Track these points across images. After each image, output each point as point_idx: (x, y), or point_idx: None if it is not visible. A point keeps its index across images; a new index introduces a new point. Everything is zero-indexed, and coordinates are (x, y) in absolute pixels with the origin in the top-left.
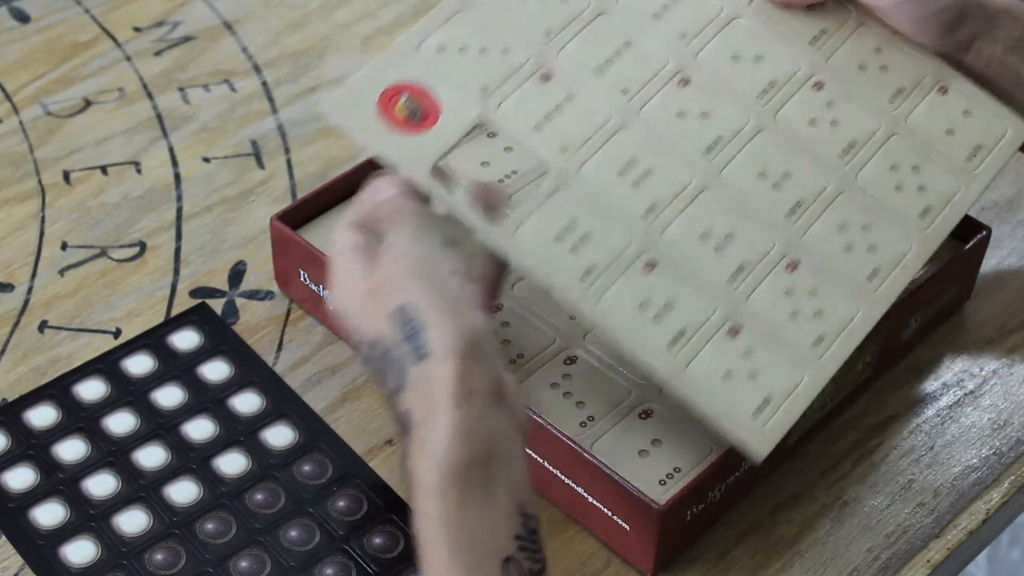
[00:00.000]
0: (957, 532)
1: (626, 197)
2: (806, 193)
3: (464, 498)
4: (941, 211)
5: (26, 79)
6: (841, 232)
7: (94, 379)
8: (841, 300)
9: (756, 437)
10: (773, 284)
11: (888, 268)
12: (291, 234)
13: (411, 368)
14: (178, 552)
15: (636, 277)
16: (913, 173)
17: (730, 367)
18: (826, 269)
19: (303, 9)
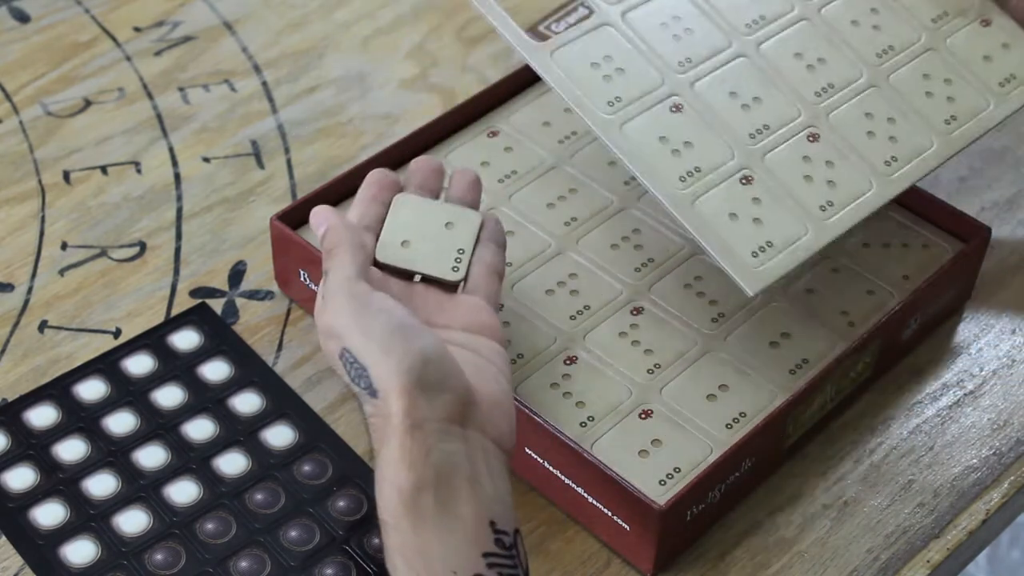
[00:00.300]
0: (957, 532)
1: (665, 47)
2: (838, 79)
3: (417, 524)
4: (966, 122)
5: (26, 79)
6: (866, 118)
7: (94, 379)
8: (855, 175)
9: (751, 275)
10: (792, 148)
11: (906, 158)
12: (291, 234)
13: (367, 404)
14: (178, 552)
15: (662, 114)
16: (945, 85)
17: (737, 210)
18: (846, 146)
19: (303, 9)
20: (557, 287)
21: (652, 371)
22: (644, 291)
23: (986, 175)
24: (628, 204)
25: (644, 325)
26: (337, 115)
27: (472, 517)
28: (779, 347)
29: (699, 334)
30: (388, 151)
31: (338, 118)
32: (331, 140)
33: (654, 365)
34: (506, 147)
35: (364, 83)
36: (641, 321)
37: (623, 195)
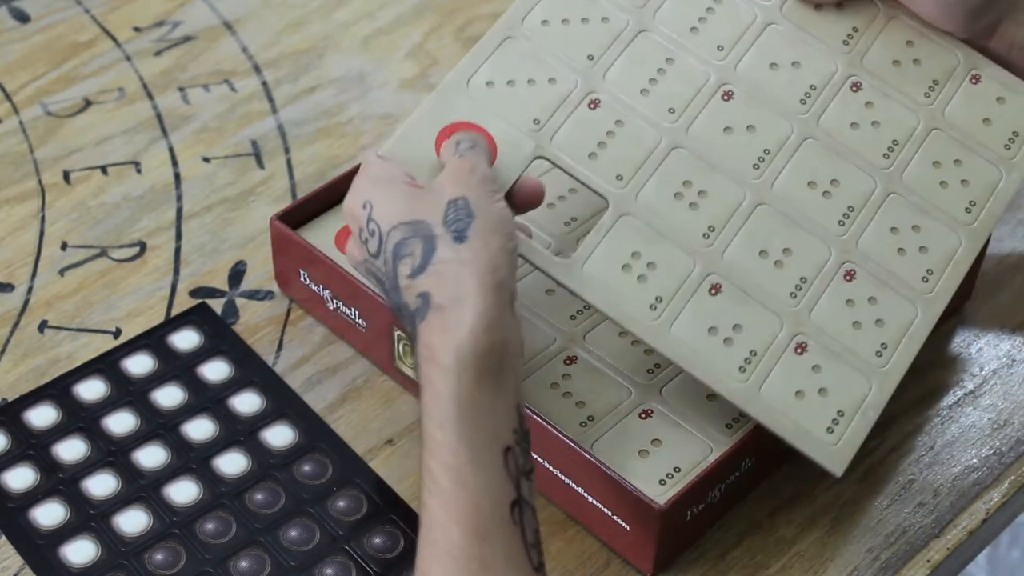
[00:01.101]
0: (957, 532)
1: (685, 220)
2: (855, 197)
3: (479, 382)
4: (986, 203)
5: (26, 79)
6: (893, 234)
7: (94, 379)
8: (899, 305)
9: (832, 454)
10: (833, 295)
11: (941, 267)
12: (291, 234)
13: (442, 249)
14: (178, 552)
15: (704, 301)
16: (955, 167)
17: (801, 385)
18: (882, 274)
19: (303, 9)
20: (557, 287)
21: (652, 371)
22: None
23: None
24: None
25: None
26: (337, 115)
27: (512, 392)
28: None
29: None
30: None
31: (338, 118)
32: (331, 140)
33: (654, 365)
34: None
35: (364, 83)
36: None
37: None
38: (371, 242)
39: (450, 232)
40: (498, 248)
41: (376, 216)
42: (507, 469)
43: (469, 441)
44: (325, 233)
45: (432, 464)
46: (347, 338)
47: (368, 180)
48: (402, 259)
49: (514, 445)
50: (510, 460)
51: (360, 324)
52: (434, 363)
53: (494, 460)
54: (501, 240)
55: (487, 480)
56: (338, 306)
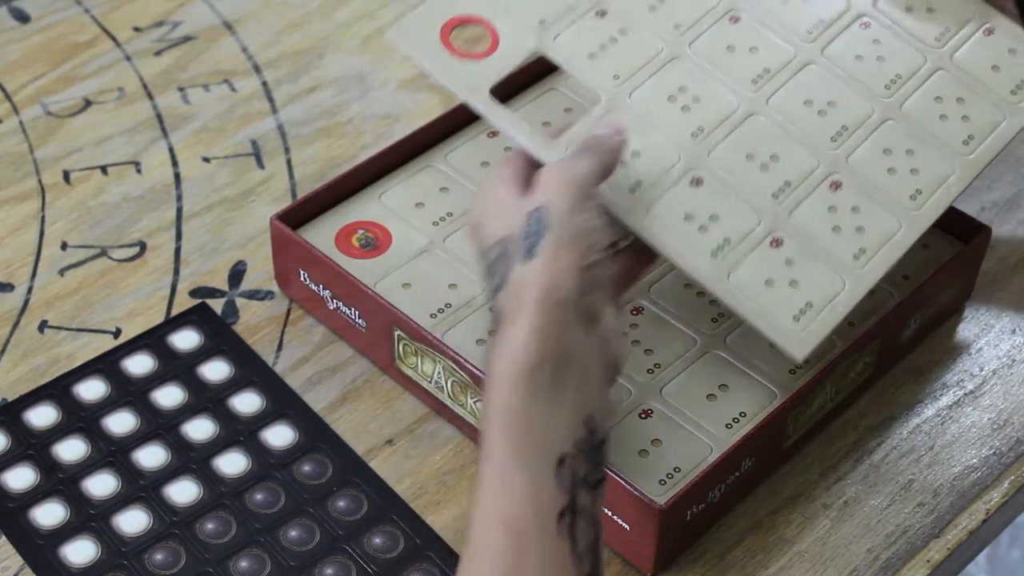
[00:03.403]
0: (957, 532)
1: (675, 119)
2: (851, 119)
3: (529, 392)
4: (984, 139)
5: (26, 79)
6: (885, 155)
7: (94, 379)
8: (883, 217)
9: (795, 340)
10: (816, 201)
11: (930, 189)
12: (291, 234)
13: (517, 267)
14: (178, 552)
15: (683, 191)
16: (958, 104)
17: (771, 275)
18: (869, 188)
19: (303, 9)
20: None
21: (652, 371)
22: (644, 291)
23: (986, 175)
24: None
25: (644, 325)
26: (337, 115)
27: (573, 405)
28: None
29: (699, 334)
30: (388, 151)
31: (338, 118)
32: (331, 140)
33: (654, 365)
34: (506, 147)
35: (364, 83)
36: (641, 321)
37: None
38: (482, 263)
39: (524, 247)
40: (567, 265)
41: (484, 237)
42: (558, 478)
43: (517, 448)
44: (325, 233)
45: (484, 468)
46: (347, 338)
47: (482, 199)
48: (494, 277)
49: (571, 456)
50: (564, 469)
51: (360, 324)
52: (490, 376)
53: (543, 467)
54: (573, 257)
55: (532, 486)
56: (338, 306)
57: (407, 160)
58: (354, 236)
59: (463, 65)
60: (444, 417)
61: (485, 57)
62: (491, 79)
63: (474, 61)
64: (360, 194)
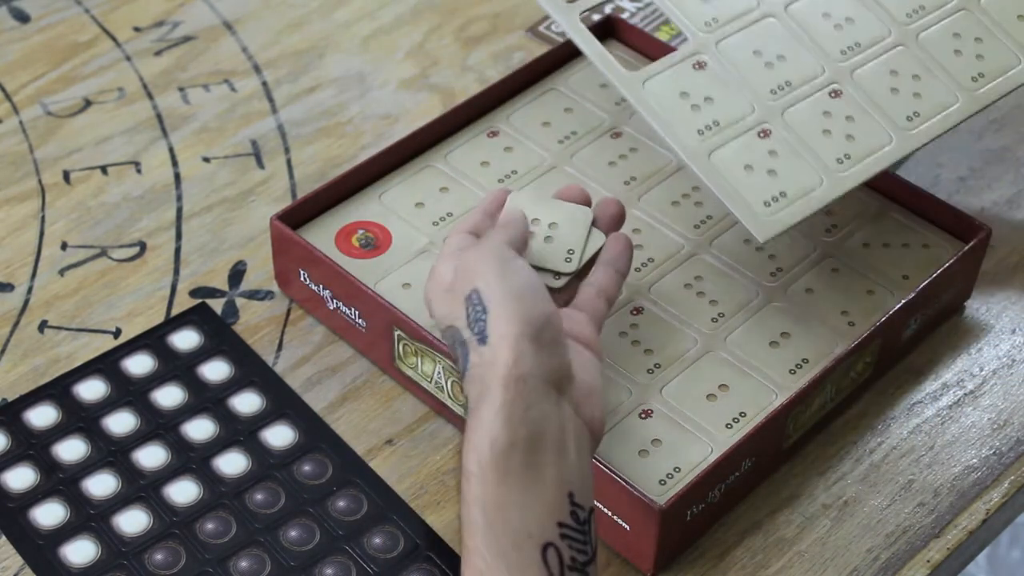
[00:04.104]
0: (957, 532)
1: (693, 5)
2: (865, 38)
3: (502, 481)
4: (995, 79)
5: (26, 79)
6: (891, 76)
7: (94, 379)
8: (875, 130)
9: (761, 223)
10: (813, 104)
11: (929, 114)
12: (291, 234)
13: (472, 353)
14: (178, 552)
15: (685, 72)
16: (975, 43)
17: (752, 161)
18: (868, 102)
19: (303, 9)
20: None
21: (652, 371)
22: (644, 291)
23: (986, 175)
24: (628, 204)
25: (644, 325)
26: (337, 115)
27: (553, 484)
28: (779, 347)
29: (699, 334)
30: (388, 151)
31: (338, 118)
32: (331, 140)
33: (654, 365)
34: (506, 147)
35: (364, 83)
36: (641, 321)
37: (623, 195)
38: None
39: (475, 335)
40: (517, 336)
41: (435, 317)
42: (546, 568)
43: (497, 545)
44: (325, 233)
45: (465, 572)
46: (347, 338)
47: (429, 279)
48: (455, 360)
49: (557, 541)
50: (550, 558)
51: (360, 324)
52: (462, 470)
53: (528, 561)
54: (520, 325)
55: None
56: (338, 306)
57: (407, 160)
58: (354, 236)
59: None
60: (444, 417)
61: None
62: None
63: None
64: (360, 194)
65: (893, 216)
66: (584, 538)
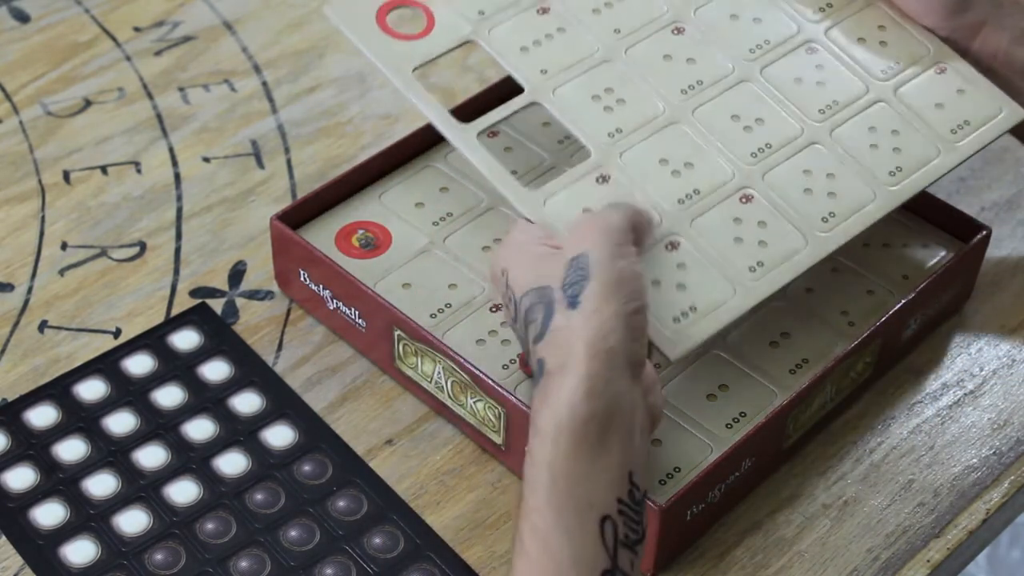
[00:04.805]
0: (957, 532)
1: (595, 118)
2: (776, 138)
3: (575, 449)
4: (912, 173)
5: (26, 79)
6: (804, 175)
7: (94, 379)
8: (789, 233)
9: (671, 341)
10: (723, 210)
11: (844, 214)
12: (291, 234)
13: (558, 316)
14: (178, 552)
15: (587, 187)
16: (892, 136)
17: (661, 277)
18: (780, 205)
19: (303, 9)
20: None
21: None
22: None
23: (986, 175)
24: None
25: None
26: (337, 115)
27: (619, 461)
28: (779, 347)
29: None
30: (388, 151)
31: (338, 118)
32: (331, 140)
33: (654, 365)
34: (506, 147)
35: (364, 83)
36: None
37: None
38: (509, 309)
39: (566, 297)
40: (612, 313)
41: (511, 283)
42: (602, 539)
43: (559, 508)
44: (325, 233)
45: (523, 527)
46: (347, 338)
47: (507, 246)
48: (530, 324)
49: (615, 515)
50: (607, 530)
51: (360, 324)
52: (534, 429)
53: (586, 529)
54: (617, 304)
55: (575, 549)
56: (338, 306)
57: (407, 160)
58: (354, 236)
59: (393, 44)
60: (444, 417)
61: (417, 39)
62: (416, 60)
63: (405, 42)
64: (360, 194)
65: (893, 216)
66: (638, 517)
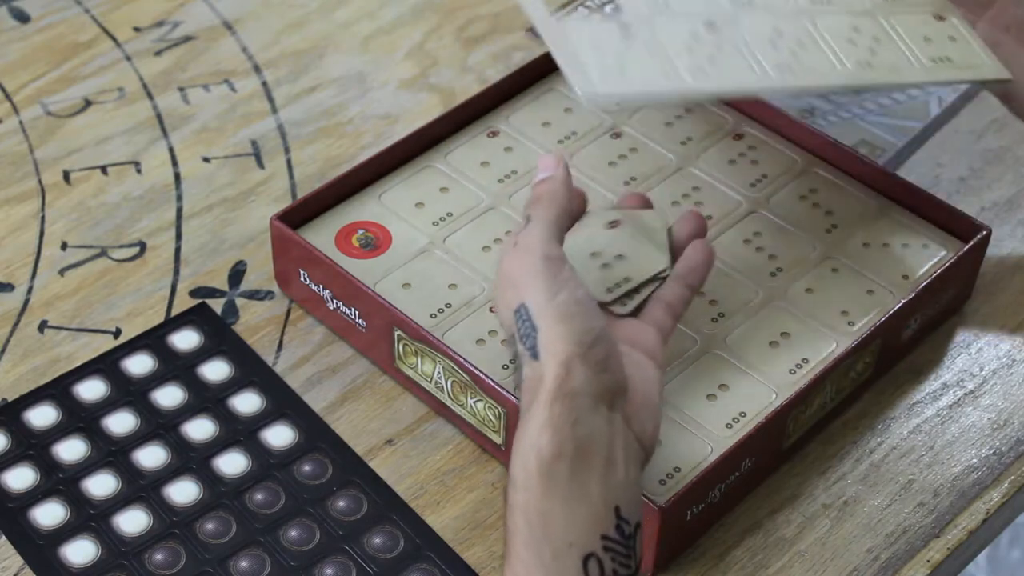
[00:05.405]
0: (957, 532)
1: None
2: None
3: (546, 491)
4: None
5: (26, 79)
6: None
7: (94, 379)
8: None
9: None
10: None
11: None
12: (291, 234)
13: (526, 366)
14: (178, 552)
15: None
16: (872, 41)
17: None
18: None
19: (303, 9)
20: None
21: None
22: None
23: (986, 175)
24: None
25: None
26: (337, 115)
27: (599, 497)
28: (779, 347)
29: (699, 334)
30: (388, 151)
31: (338, 118)
32: (331, 140)
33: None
34: (506, 147)
35: (364, 83)
36: None
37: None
38: None
39: (527, 351)
40: (568, 355)
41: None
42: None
43: (537, 550)
44: (325, 233)
45: (504, 573)
46: (347, 338)
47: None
48: (515, 370)
49: (600, 552)
50: (591, 568)
51: (360, 324)
52: (508, 477)
53: (566, 568)
54: (571, 345)
55: None
56: (338, 306)
57: (407, 160)
58: (354, 236)
59: None
60: (444, 417)
61: None
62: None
63: None
64: (360, 194)
65: (893, 216)
66: (628, 552)
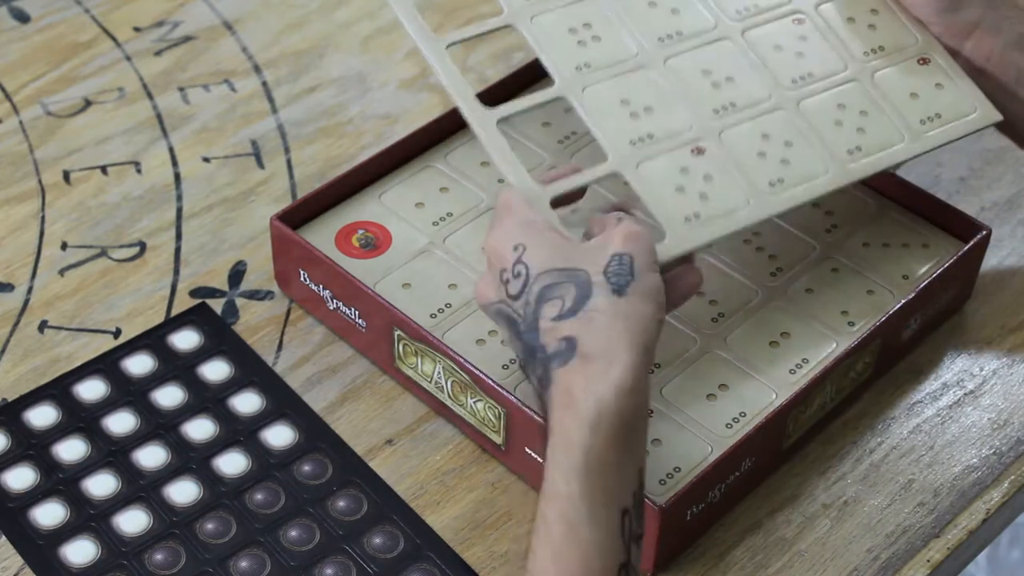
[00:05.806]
0: (957, 532)
1: (566, 51)
2: (742, 99)
3: (612, 439)
4: (872, 155)
5: (26, 79)
6: (762, 139)
7: (94, 379)
8: (732, 191)
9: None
10: (671, 157)
11: (793, 182)
12: (291, 234)
13: (599, 298)
14: (178, 552)
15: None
16: (859, 116)
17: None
18: (730, 163)
19: (303, 9)
20: None
21: (652, 371)
22: None
23: (986, 175)
24: None
25: None
26: (337, 115)
27: (638, 456)
28: (779, 347)
29: (699, 334)
30: (388, 151)
31: (338, 118)
32: (331, 140)
33: (654, 365)
34: None
35: (364, 83)
36: None
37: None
38: (513, 283)
39: (610, 283)
40: (651, 314)
41: (527, 259)
42: (622, 531)
43: (591, 497)
44: (325, 233)
45: (549, 512)
46: (347, 338)
47: (520, 224)
48: (548, 301)
49: (631, 508)
50: (626, 522)
51: (360, 324)
52: (572, 412)
53: (611, 520)
54: (653, 308)
55: (601, 539)
56: (338, 306)
57: (407, 160)
58: (354, 236)
59: None
60: (444, 417)
61: None
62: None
63: None
64: (360, 194)
65: (893, 216)
66: (642, 512)
